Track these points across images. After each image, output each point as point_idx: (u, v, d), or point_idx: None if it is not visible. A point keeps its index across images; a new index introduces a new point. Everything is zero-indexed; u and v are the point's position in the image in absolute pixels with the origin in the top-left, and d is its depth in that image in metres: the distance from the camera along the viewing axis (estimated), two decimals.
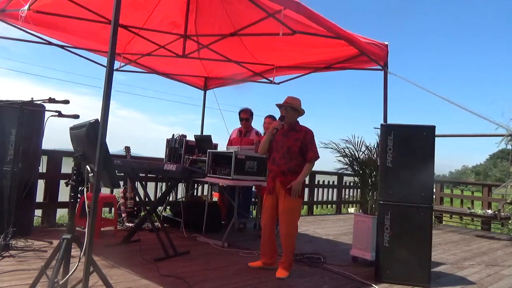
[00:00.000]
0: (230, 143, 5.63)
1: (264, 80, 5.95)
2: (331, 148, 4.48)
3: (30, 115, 3.84)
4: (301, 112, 3.61)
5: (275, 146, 3.53)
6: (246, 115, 5.47)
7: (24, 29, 4.46)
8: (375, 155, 4.28)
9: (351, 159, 4.42)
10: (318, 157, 3.54)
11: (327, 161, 4.64)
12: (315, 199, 8.66)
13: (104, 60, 5.30)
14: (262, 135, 5.33)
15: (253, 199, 6.03)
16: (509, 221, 6.59)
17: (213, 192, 5.95)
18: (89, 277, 2.04)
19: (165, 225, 5.04)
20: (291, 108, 3.54)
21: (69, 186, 2.29)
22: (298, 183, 3.42)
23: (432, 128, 3.65)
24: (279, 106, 3.62)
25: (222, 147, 5.56)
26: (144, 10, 4.39)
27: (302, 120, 3.68)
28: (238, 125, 5.68)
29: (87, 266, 2.02)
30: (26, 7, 3.19)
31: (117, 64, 5.51)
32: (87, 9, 3.96)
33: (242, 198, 5.10)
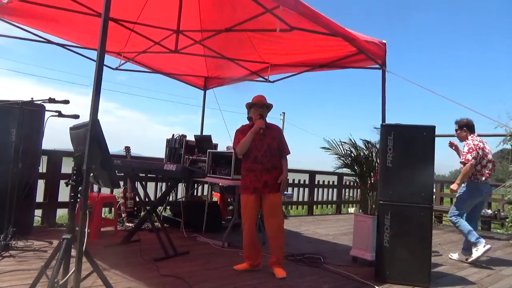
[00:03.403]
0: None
1: (259, 78, 5.93)
2: (332, 151, 4.46)
3: (30, 115, 3.84)
4: (271, 108, 3.67)
5: (254, 145, 3.49)
6: None
7: (24, 27, 4.46)
8: (372, 154, 4.27)
9: (349, 158, 4.40)
10: (290, 153, 3.67)
11: (327, 161, 4.63)
12: (315, 199, 8.66)
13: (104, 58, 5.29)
14: None
15: None
16: (507, 220, 6.58)
17: (213, 192, 5.96)
18: (80, 272, 2.04)
19: (165, 225, 5.04)
20: (266, 106, 3.60)
21: (69, 186, 2.29)
22: (286, 178, 3.57)
23: (432, 128, 3.65)
24: (251, 106, 3.61)
25: (222, 147, 5.56)
26: (138, 3, 4.38)
27: (301, 119, 3.70)
28: (238, 125, 5.61)
29: (78, 256, 2.02)
30: None
31: (116, 63, 5.51)
32: (81, 4, 3.92)
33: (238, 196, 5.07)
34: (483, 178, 4.39)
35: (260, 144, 3.49)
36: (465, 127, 4.56)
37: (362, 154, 4.33)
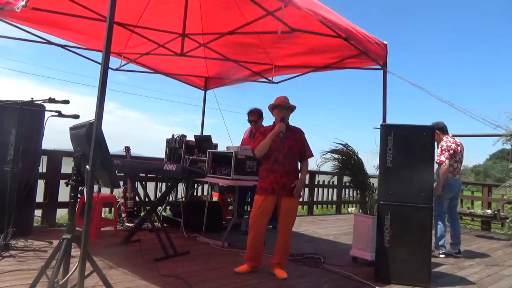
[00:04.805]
0: (242, 143, 5.56)
1: (263, 79, 5.95)
2: (328, 158, 4.47)
3: (30, 115, 3.83)
4: (293, 110, 3.62)
5: (275, 146, 3.45)
6: (254, 117, 5.19)
7: (25, 28, 4.46)
8: (356, 157, 4.31)
9: (341, 165, 4.42)
10: (313, 155, 3.63)
11: (327, 162, 4.63)
12: (315, 199, 8.66)
13: None
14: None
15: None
16: (507, 220, 6.60)
17: (213, 192, 5.95)
18: (85, 272, 2.04)
19: (165, 225, 5.04)
20: (290, 108, 3.56)
21: (69, 186, 2.29)
22: (303, 182, 3.49)
23: (432, 128, 3.70)
24: (274, 107, 3.55)
25: (222, 147, 5.55)
26: (143, 7, 4.40)
27: (301, 118, 3.68)
28: (238, 125, 5.65)
29: (82, 259, 2.02)
30: (23, 3, 3.18)
31: (117, 63, 5.52)
32: (84, 6, 3.95)
33: (238, 197, 5.05)
34: (451, 176, 4.79)
35: (282, 146, 3.45)
36: (437, 130, 4.86)
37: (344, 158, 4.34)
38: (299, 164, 3.60)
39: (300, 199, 8.50)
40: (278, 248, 3.47)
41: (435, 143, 4.93)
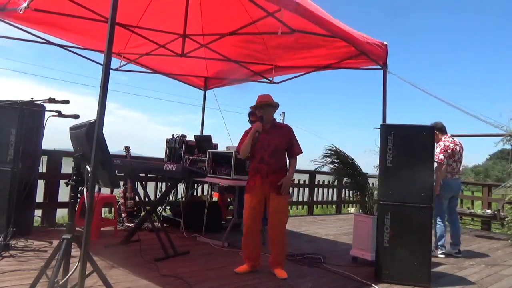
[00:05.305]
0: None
1: (264, 80, 5.95)
2: (327, 164, 4.49)
3: (30, 115, 3.85)
4: (276, 106, 3.59)
5: (260, 145, 3.44)
6: (255, 118, 5.23)
7: (25, 28, 4.46)
8: (351, 161, 4.35)
9: (337, 165, 4.44)
10: (302, 152, 3.59)
11: (323, 166, 4.67)
12: (315, 199, 8.66)
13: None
14: None
15: None
16: (506, 219, 6.59)
17: (213, 192, 5.95)
18: (85, 272, 2.04)
19: (165, 225, 5.04)
20: (268, 105, 3.53)
21: (69, 186, 2.29)
22: (289, 180, 3.46)
23: (432, 128, 3.71)
24: (254, 108, 3.59)
25: (222, 147, 5.56)
26: (144, 8, 4.40)
27: (301, 118, 3.68)
28: (238, 125, 5.64)
29: (83, 260, 2.02)
30: (25, 4, 3.18)
31: (117, 64, 5.52)
32: (85, 7, 3.96)
33: (238, 197, 5.04)
34: (449, 176, 4.82)
35: (267, 145, 3.43)
36: (436, 130, 4.81)
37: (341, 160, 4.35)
38: (288, 161, 3.58)
39: (300, 199, 8.56)
40: (273, 249, 3.46)
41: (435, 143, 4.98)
